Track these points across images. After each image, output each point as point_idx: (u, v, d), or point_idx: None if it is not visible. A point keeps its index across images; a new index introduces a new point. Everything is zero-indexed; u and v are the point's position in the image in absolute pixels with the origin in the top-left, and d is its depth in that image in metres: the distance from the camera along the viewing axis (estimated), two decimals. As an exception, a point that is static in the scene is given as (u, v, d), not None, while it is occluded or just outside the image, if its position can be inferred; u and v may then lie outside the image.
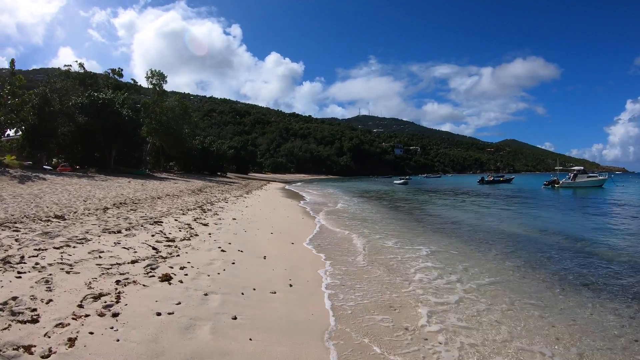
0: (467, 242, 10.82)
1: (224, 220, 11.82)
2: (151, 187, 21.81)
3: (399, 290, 6.31)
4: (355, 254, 8.77)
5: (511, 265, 8.30)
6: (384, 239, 10.87)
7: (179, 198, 17.22)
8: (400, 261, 8.29)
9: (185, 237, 8.67)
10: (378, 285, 6.48)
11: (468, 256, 9.06)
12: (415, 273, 7.44)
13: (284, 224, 12.80)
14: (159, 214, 11.63)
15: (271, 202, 21.25)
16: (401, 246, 9.90)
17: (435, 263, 8.22)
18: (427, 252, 9.22)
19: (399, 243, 10.27)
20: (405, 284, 6.73)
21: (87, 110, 33.02)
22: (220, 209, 14.78)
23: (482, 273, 7.59)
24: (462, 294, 6.34)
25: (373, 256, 8.63)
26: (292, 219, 14.51)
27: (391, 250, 9.34)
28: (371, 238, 10.87)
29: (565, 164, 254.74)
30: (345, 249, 9.42)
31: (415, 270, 7.65)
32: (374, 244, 10.02)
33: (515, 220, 16.95)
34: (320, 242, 9.96)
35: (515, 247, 10.36)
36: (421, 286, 6.60)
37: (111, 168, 35.40)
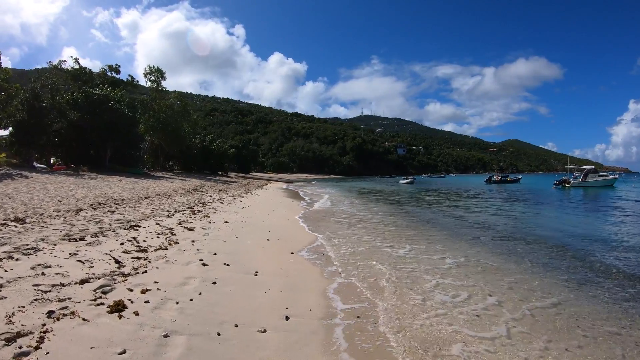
0: (496, 250, 9.22)
1: (214, 224, 10.29)
2: (142, 186, 20.34)
3: (430, 319, 4.77)
4: (368, 267, 7.21)
5: (563, 281, 6.74)
6: (396, 246, 9.29)
7: (169, 198, 15.73)
8: (420, 275, 6.74)
9: (162, 246, 7.15)
10: (407, 314, 4.93)
11: (504, 269, 7.48)
12: (442, 292, 5.91)
13: (284, 228, 11.25)
14: (139, 217, 10.12)
15: (270, 203, 19.72)
16: (420, 255, 8.33)
17: (465, 280, 6.65)
18: (452, 264, 7.67)
19: (415, 251, 8.72)
20: (434, 307, 5.18)
21: (81, 106, 31.65)
22: (212, 210, 13.26)
23: (530, 292, 6.04)
24: (511, 323, 4.80)
25: (390, 268, 7.07)
26: (292, 222, 12.96)
27: (411, 262, 7.77)
28: (385, 246, 9.29)
29: (568, 164, 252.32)
30: (354, 258, 7.87)
31: (441, 288, 6.13)
32: (391, 254, 8.44)
33: (538, 223, 15.32)
34: (324, 251, 8.41)
35: (550, 255, 8.79)
36: (454, 312, 5.05)
37: (107, 167, 34.04)
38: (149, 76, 46.46)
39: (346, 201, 24.57)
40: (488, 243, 10.17)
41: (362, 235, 10.63)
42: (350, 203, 22.95)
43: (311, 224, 12.55)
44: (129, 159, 37.44)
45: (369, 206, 21.04)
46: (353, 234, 10.79)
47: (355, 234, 10.81)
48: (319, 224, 12.81)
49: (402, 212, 18.28)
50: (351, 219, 14.52)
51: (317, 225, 12.38)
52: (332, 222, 13.52)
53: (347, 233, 10.99)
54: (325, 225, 12.39)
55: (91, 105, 32.00)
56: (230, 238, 8.56)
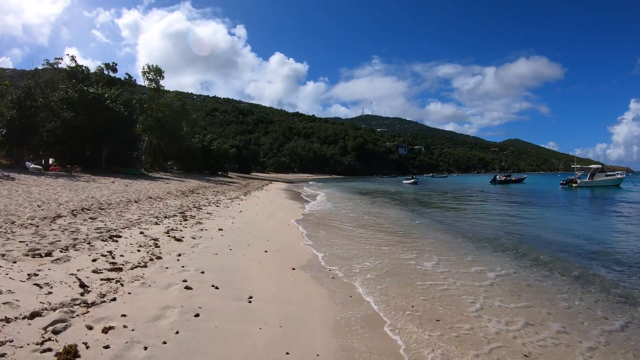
0: (531, 262, 8.10)
1: (207, 233, 9.24)
2: (136, 188, 19.30)
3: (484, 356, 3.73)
4: (389, 286, 6.14)
5: (616, 296, 5.71)
6: (420, 258, 8.20)
7: (162, 201, 14.68)
8: (458, 295, 5.68)
9: (141, 263, 6.10)
10: (454, 355, 3.86)
11: (550, 285, 6.43)
12: (491, 317, 4.90)
13: (284, 236, 10.17)
14: (123, 224, 9.07)
15: (271, 206, 18.65)
16: (452, 269, 7.25)
17: (515, 300, 5.62)
18: (494, 279, 6.64)
19: (444, 264, 7.65)
20: (488, 340, 4.14)
21: (76, 105, 30.67)
22: (207, 215, 12.21)
23: (589, 311, 5.00)
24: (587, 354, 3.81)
25: (420, 288, 6.01)
26: (294, 228, 11.87)
27: (443, 278, 6.69)
28: (407, 258, 8.20)
29: (569, 164, 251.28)
30: (369, 274, 6.80)
31: (489, 311, 5.11)
32: (416, 268, 7.36)
33: (566, 228, 14.05)
34: (332, 266, 7.32)
35: (589, 267, 7.69)
36: (516, 345, 3.99)
37: (102, 167, 33.07)
38: (147, 75, 45.48)
39: (350, 203, 23.45)
40: (519, 253, 9.07)
41: (376, 245, 9.53)
42: (356, 205, 21.78)
43: (316, 231, 11.45)
44: (126, 159, 36.48)
45: (376, 209, 19.83)
46: (364, 243, 9.68)
47: (366, 243, 9.71)
48: (325, 230, 11.71)
49: (413, 215, 17.14)
50: (359, 224, 13.39)
51: (322, 232, 11.27)
52: (338, 228, 12.39)
53: (357, 242, 9.88)
54: (332, 233, 11.26)
55: (86, 104, 31.04)
56: (222, 250, 7.50)
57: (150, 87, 45.39)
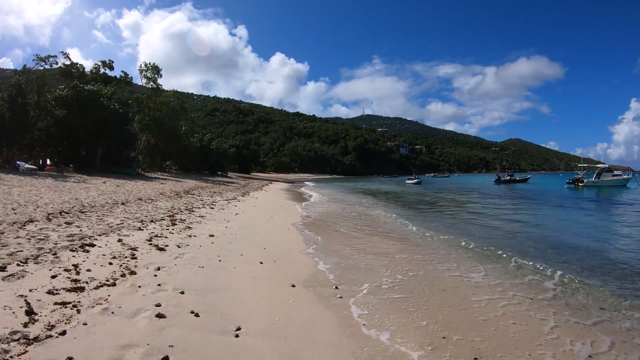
0: (579, 268, 7.10)
1: (195, 240, 8.22)
2: (127, 188, 18.29)
3: None
4: (428, 310, 5.11)
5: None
6: (462, 267, 7.20)
7: (152, 203, 13.66)
8: (525, 312, 4.66)
9: (110, 279, 5.08)
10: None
11: (615, 296, 5.47)
12: (574, 339, 4.08)
13: (283, 243, 9.12)
14: (101, 230, 8.06)
15: (269, 207, 17.61)
16: (504, 280, 6.23)
17: (592, 314, 4.68)
18: (554, 290, 5.69)
19: (492, 274, 6.67)
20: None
21: (70, 103, 29.68)
22: (199, 219, 11.18)
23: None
24: None
25: (477, 309, 4.98)
26: (294, 233, 10.81)
27: (500, 291, 5.69)
28: (445, 269, 7.17)
29: (570, 164, 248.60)
30: (388, 291, 5.77)
31: (567, 331, 4.23)
32: (463, 280, 6.34)
33: (598, 232, 13.03)
34: (341, 282, 6.22)
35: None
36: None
37: (97, 167, 32.13)
38: (144, 73, 44.44)
39: (354, 205, 22.14)
40: (561, 259, 8.11)
41: (390, 254, 8.49)
42: (360, 207, 20.51)
43: (318, 236, 10.34)
44: (123, 159, 35.53)
45: (383, 211, 18.65)
46: (374, 251, 8.62)
47: (377, 251, 8.63)
48: (328, 236, 10.61)
49: (424, 218, 16.05)
50: (366, 229, 12.27)
51: (325, 238, 10.18)
52: (344, 233, 11.25)
53: (366, 250, 8.80)
54: (337, 239, 10.16)
55: (81, 102, 30.05)
56: (210, 262, 6.46)
57: (148, 85, 44.33)
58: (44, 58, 30.32)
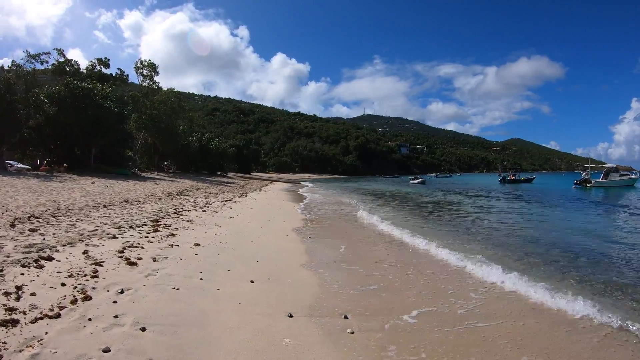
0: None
1: (177, 250, 7.10)
2: (116, 189, 17.19)
3: None
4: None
5: None
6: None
7: (138, 206, 12.54)
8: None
9: (54, 308, 3.96)
10: None
11: None
12: None
13: (280, 253, 7.98)
14: (68, 239, 6.93)
15: (267, 210, 16.46)
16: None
17: None
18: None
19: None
20: None
21: (63, 100, 28.60)
22: (186, 224, 10.05)
23: None
24: None
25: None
26: (294, 241, 9.63)
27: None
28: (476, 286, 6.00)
29: (572, 164, 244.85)
30: (424, 328, 4.62)
31: None
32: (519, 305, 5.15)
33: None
34: (355, 312, 4.94)
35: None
36: None
37: (91, 167, 31.04)
38: (140, 70, 43.35)
39: (359, 206, 20.72)
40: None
41: (418, 272, 7.34)
42: (366, 209, 19.28)
43: (321, 245, 9.12)
44: (118, 158, 34.39)
45: (391, 213, 17.29)
46: (391, 265, 7.49)
47: (396, 265, 7.50)
48: (333, 244, 9.38)
49: (434, 222, 14.86)
50: (376, 237, 11.10)
51: (329, 247, 8.97)
52: (351, 240, 10.00)
53: (381, 263, 7.62)
54: (344, 249, 8.95)
55: (74, 99, 28.98)
56: (189, 281, 5.34)
57: (144, 83, 43.25)
58: (35, 56, 29.21)
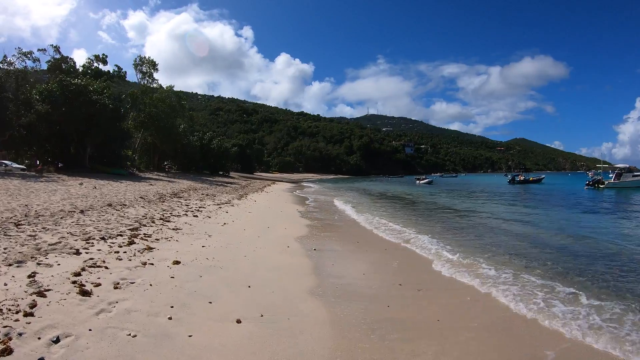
0: None
1: (149, 271, 5.72)
2: (104, 191, 15.88)
3: None
4: None
5: None
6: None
7: (122, 210, 11.19)
8: None
9: None
10: None
11: None
12: None
13: (280, 273, 6.53)
14: (19, 255, 5.56)
15: (268, 214, 15.04)
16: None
17: None
18: None
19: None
20: None
21: (55, 98, 27.39)
22: (171, 233, 8.68)
23: None
24: None
25: None
26: (298, 254, 8.22)
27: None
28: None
29: (576, 163, 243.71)
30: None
31: None
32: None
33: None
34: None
35: None
36: None
37: (86, 167, 29.86)
38: (139, 67, 42.20)
39: (370, 210, 18.95)
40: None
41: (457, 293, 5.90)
42: (378, 212, 17.20)
43: (336, 261, 7.65)
44: (115, 158, 33.17)
45: (405, 217, 15.90)
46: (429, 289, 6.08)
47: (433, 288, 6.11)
48: (350, 259, 7.98)
49: (450, 226, 13.43)
50: (393, 248, 9.69)
51: (347, 264, 7.52)
52: (373, 256, 8.49)
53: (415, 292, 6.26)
54: (365, 265, 7.46)
55: (68, 96, 27.78)
56: (154, 321, 3.94)
57: (143, 80, 42.09)
58: (27, 53, 28.01)
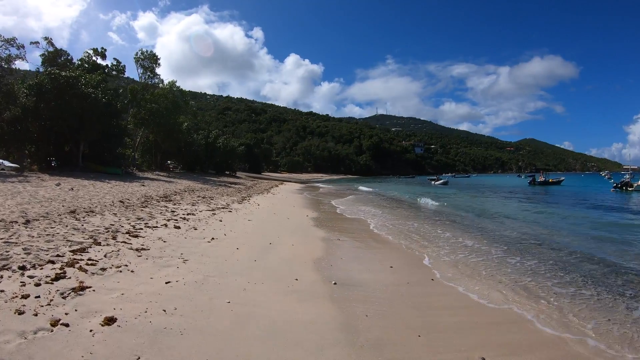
0: None
1: (55, 344, 3.09)
2: (78, 194, 13.37)
3: None
4: None
5: None
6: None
7: (85, 219, 8.61)
8: None
9: None
10: None
11: None
12: None
13: (286, 336, 3.91)
14: None
15: (271, 223, 12.20)
16: None
17: None
18: None
19: None
20: None
21: (45, 92, 25.19)
22: (133, 255, 6.04)
23: None
24: None
25: None
26: (313, 295, 5.51)
27: None
28: None
29: (586, 164, 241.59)
30: None
31: None
32: None
33: None
34: None
35: None
36: None
37: (79, 165, 27.62)
38: (140, 62, 39.94)
39: (400, 217, 15.81)
40: None
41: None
42: (413, 222, 14.36)
43: (377, 310, 5.07)
44: (111, 156, 30.86)
45: (447, 231, 13.30)
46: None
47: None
48: (399, 301, 5.34)
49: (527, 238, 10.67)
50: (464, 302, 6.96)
51: (393, 316, 4.91)
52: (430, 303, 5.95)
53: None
54: (418, 316, 4.89)
55: (58, 90, 25.55)
56: None
57: (144, 75, 39.83)
58: (9, 40, 25.72)
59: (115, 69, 36.43)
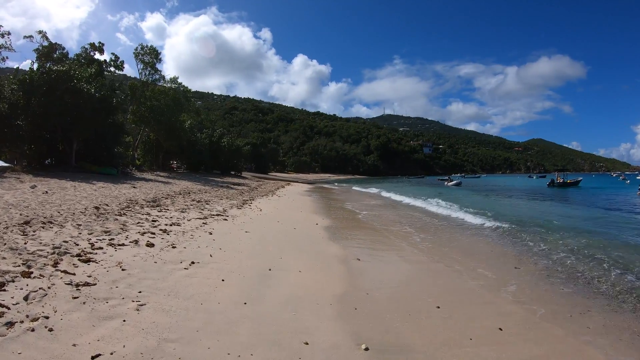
0: None
1: None
2: (50, 199, 11.49)
3: None
4: None
5: None
6: None
7: (37, 232, 6.66)
8: None
9: None
10: None
11: None
12: None
13: None
14: None
15: (274, 235, 9.82)
16: None
17: None
18: None
19: None
20: None
21: (36, 87, 23.56)
22: (67, 296, 4.10)
23: None
24: None
25: None
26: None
27: None
28: None
29: (595, 164, 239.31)
30: None
31: None
32: None
33: None
34: None
35: None
36: None
37: (72, 165, 25.95)
38: (141, 57, 38.28)
39: (447, 228, 13.40)
40: None
41: None
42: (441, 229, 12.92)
43: None
44: (107, 155, 29.14)
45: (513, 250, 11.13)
46: None
47: None
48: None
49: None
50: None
51: None
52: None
53: None
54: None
55: (49, 85, 23.91)
56: None
57: (145, 71, 38.16)
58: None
59: (114, 64, 34.71)
